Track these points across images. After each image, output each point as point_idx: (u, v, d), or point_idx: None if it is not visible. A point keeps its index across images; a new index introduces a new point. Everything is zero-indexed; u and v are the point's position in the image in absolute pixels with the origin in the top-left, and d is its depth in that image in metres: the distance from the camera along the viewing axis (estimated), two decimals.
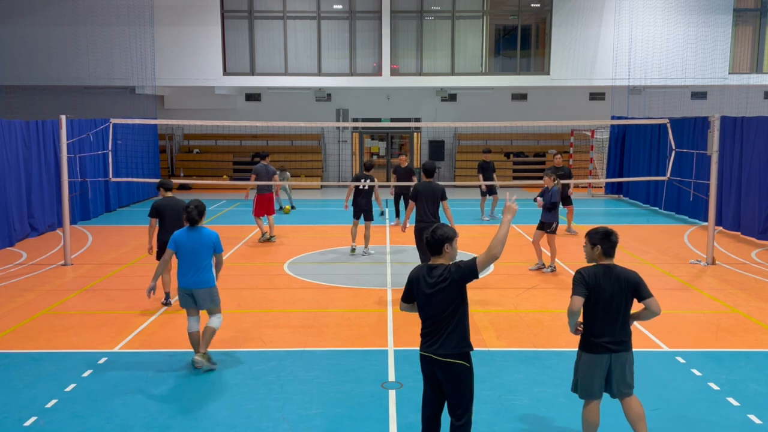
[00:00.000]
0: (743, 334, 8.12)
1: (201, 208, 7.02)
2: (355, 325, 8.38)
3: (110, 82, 22.01)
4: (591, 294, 4.91)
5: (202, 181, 21.80)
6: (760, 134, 13.66)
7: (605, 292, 4.89)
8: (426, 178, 9.92)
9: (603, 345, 4.92)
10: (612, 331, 4.92)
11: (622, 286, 4.90)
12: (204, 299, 6.97)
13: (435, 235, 4.76)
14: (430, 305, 4.69)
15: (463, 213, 18.40)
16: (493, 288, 10.24)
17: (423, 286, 4.73)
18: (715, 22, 22.49)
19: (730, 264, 11.86)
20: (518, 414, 5.94)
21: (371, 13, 22.85)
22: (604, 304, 4.90)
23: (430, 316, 4.71)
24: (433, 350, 4.67)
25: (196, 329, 7.00)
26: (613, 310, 4.90)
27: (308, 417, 5.87)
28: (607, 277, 4.91)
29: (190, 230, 6.95)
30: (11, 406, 6.09)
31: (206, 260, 6.91)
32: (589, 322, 4.99)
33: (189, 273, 6.88)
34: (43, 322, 8.50)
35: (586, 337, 5.01)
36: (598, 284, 4.90)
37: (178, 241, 6.95)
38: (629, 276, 4.95)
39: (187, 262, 6.89)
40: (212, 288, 7.00)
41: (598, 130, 23.44)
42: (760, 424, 5.75)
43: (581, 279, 4.95)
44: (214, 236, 6.98)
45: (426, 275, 4.74)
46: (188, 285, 6.90)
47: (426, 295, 4.70)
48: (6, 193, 13.18)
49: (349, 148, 25.85)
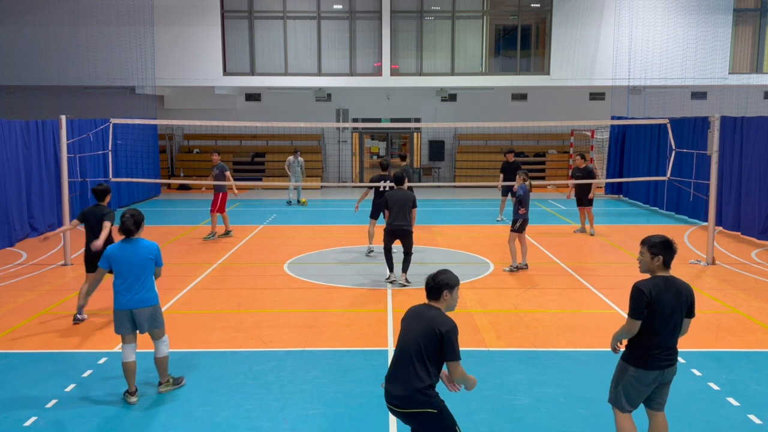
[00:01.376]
0: (743, 334, 8.12)
1: (138, 218, 6.26)
2: (355, 325, 8.37)
3: (110, 82, 22.02)
4: (651, 308, 4.57)
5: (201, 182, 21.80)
6: (760, 134, 13.66)
7: (666, 306, 4.58)
8: (397, 187, 10.41)
9: (658, 360, 4.64)
10: (668, 345, 4.66)
11: (681, 300, 4.64)
12: (145, 320, 6.18)
13: (436, 280, 4.52)
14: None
15: (463, 213, 18.41)
16: (493, 288, 10.24)
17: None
18: (715, 22, 22.49)
19: (730, 264, 11.86)
20: (518, 414, 5.94)
21: (371, 13, 22.85)
22: (663, 319, 4.59)
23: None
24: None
25: (133, 359, 6.16)
26: (671, 325, 4.63)
27: (308, 417, 5.87)
28: (669, 291, 4.61)
29: (126, 243, 6.19)
30: (11, 406, 6.09)
31: (148, 276, 6.21)
32: (644, 337, 4.65)
33: (129, 292, 6.11)
34: (43, 322, 8.50)
35: (639, 351, 4.67)
36: (660, 298, 4.57)
37: (112, 256, 6.18)
38: (688, 290, 4.71)
39: (126, 279, 6.12)
40: (155, 306, 6.26)
41: (598, 130, 23.45)
42: (760, 424, 5.75)
43: (641, 296, 4.58)
44: (155, 248, 6.28)
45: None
46: (128, 305, 6.11)
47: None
48: (6, 193, 13.18)
49: (349, 148, 25.86)
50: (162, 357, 6.30)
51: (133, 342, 6.20)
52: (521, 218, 11.10)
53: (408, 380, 4.30)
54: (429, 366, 4.32)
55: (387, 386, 4.42)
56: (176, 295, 9.76)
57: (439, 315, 4.42)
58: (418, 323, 4.39)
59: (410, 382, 4.29)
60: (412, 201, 10.22)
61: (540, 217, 16.77)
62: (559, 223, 16.48)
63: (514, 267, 11.19)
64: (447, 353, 4.30)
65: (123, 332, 6.17)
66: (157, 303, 6.27)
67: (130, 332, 6.18)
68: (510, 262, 11.33)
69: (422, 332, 4.32)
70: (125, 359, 6.14)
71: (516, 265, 11.20)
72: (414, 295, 9.75)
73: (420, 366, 4.29)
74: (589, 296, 9.78)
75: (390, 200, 10.20)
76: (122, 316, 6.14)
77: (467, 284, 10.44)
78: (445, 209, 18.99)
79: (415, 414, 4.33)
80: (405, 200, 10.14)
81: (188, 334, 8.11)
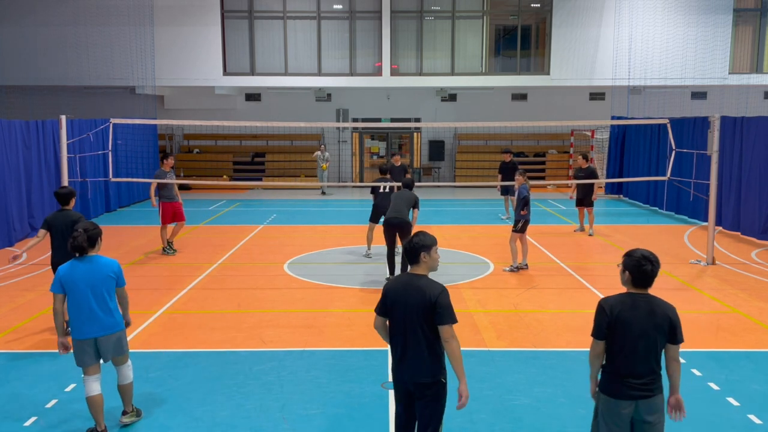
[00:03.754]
0: (743, 334, 8.12)
1: (92, 233, 5.46)
2: (355, 325, 8.37)
3: (110, 82, 22.01)
4: (613, 328, 4.18)
5: (201, 182, 21.81)
6: (760, 134, 13.66)
7: (632, 327, 4.13)
8: (404, 189, 10.72)
9: (627, 389, 4.15)
10: (639, 373, 4.15)
11: (656, 323, 4.13)
12: (109, 348, 5.48)
13: (411, 243, 4.47)
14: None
15: (463, 213, 18.41)
16: (493, 288, 10.25)
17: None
18: (715, 22, 22.49)
19: (730, 264, 11.86)
20: (518, 414, 5.94)
21: (371, 13, 22.85)
22: (629, 341, 4.14)
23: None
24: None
25: (99, 391, 5.44)
26: (640, 349, 4.14)
27: (308, 417, 5.87)
28: (637, 310, 4.15)
29: (80, 262, 5.42)
30: (11, 406, 6.09)
31: (110, 298, 5.47)
32: (612, 361, 4.23)
33: (91, 318, 5.36)
34: (43, 322, 8.49)
35: (608, 376, 4.25)
36: (624, 317, 4.16)
37: (64, 279, 5.37)
38: (666, 312, 4.17)
39: (84, 303, 5.35)
40: (122, 332, 5.56)
41: (598, 130, 23.44)
42: (760, 424, 5.75)
43: (601, 314, 4.24)
44: (115, 266, 5.54)
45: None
46: (92, 333, 5.37)
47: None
48: (6, 193, 13.19)
49: (349, 148, 25.86)
50: (127, 384, 5.66)
51: (98, 372, 5.50)
52: (523, 219, 11.11)
53: (413, 355, 4.38)
54: (434, 336, 4.37)
55: (401, 366, 4.44)
56: (176, 295, 9.76)
57: (427, 282, 4.41)
58: (411, 296, 4.38)
59: (416, 357, 4.37)
60: (415, 201, 10.42)
61: (540, 217, 16.77)
62: (559, 223, 16.48)
63: (515, 267, 11.20)
64: (445, 317, 4.31)
65: (86, 363, 5.44)
66: (122, 328, 5.57)
67: (94, 362, 5.47)
68: (510, 262, 11.33)
69: (417, 306, 4.34)
70: (90, 393, 5.40)
71: (516, 265, 11.21)
72: None
73: (424, 339, 4.36)
74: (589, 296, 9.77)
75: (394, 197, 10.51)
76: (84, 346, 5.39)
77: (467, 284, 10.44)
78: (445, 209, 18.99)
79: (429, 384, 4.39)
80: (408, 198, 10.36)
81: (188, 334, 8.11)
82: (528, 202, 11.07)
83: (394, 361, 4.53)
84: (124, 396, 5.70)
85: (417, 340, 4.37)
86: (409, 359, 4.41)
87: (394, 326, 4.49)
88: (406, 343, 4.40)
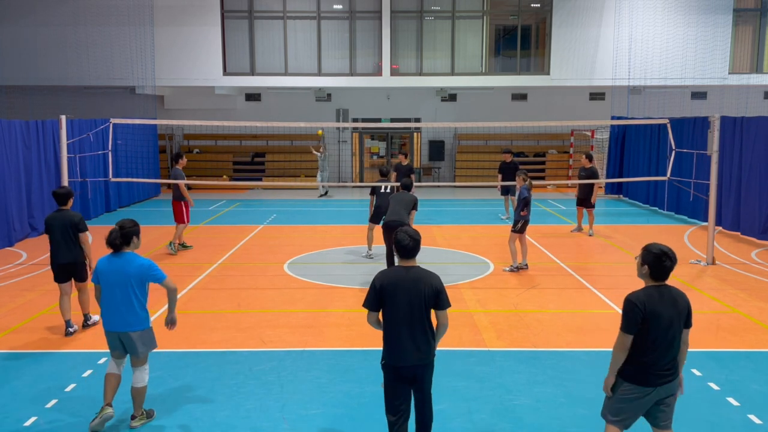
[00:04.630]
0: (743, 334, 8.12)
1: (127, 230, 5.63)
2: (355, 325, 8.37)
3: (110, 82, 22.01)
4: (646, 322, 4.31)
5: (202, 181, 21.79)
6: (760, 134, 13.66)
7: (662, 318, 4.32)
8: (402, 190, 10.60)
9: (654, 378, 4.37)
10: (665, 360, 4.38)
11: (679, 310, 4.38)
12: (134, 345, 5.63)
13: (415, 238, 4.90)
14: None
15: (463, 213, 18.41)
16: (493, 288, 10.25)
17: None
18: (715, 22, 22.49)
19: (730, 264, 11.86)
20: (518, 414, 5.94)
21: (371, 13, 22.85)
22: (660, 333, 4.32)
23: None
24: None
25: (117, 372, 5.72)
26: (669, 338, 4.35)
27: (308, 417, 5.87)
28: (664, 301, 4.35)
29: (114, 257, 5.67)
30: (11, 406, 6.09)
31: (135, 296, 5.60)
32: (639, 352, 4.38)
33: (115, 312, 5.60)
34: (43, 322, 8.49)
35: (633, 366, 4.40)
36: (655, 310, 4.31)
37: (99, 271, 5.69)
38: (685, 299, 4.46)
39: (111, 298, 5.62)
40: (144, 331, 5.67)
41: (598, 130, 23.44)
42: (760, 424, 5.75)
43: (634, 309, 4.32)
44: (145, 265, 5.64)
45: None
46: (114, 327, 5.63)
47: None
48: (6, 193, 13.19)
49: (349, 148, 25.86)
50: (140, 387, 5.66)
51: (121, 359, 5.75)
52: (523, 219, 11.11)
53: (420, 341, 4.81)
54: (429, 320, 4.87)
55: (401, 354, 4.81)
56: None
57: (424, 272, 4.87)
58: (415, 286, 4.77)
59: (422, 342, 4.82)
60: (414, 203, 10.34)
61: (540, 217, 16.78)
62: (559, 223, 16.48)
63: (515, 267, 11.20)
64: (446, 302, 4.84)
65: (113, 349, 5.74)
66: (146, 327, 5.67)
67: (119, 350, 5.72)
68: (510, 263, 11.33)
69: (423, 294, 4.76)
70: (108, 370, 5.73)
71: (516, 265, 11.21)
72: None
73: (426, 325, 4.84)
74: (589, 296, 9.78)
75: (392, 200, 10.42)
76: (110, 337, 5.69)
77: (467, 284, 10.44)
78: (445, 209, 18.99)
79: (430, 363, 4.91)
80: (407, 201, 10.28)
81: (188, 334, 8.11)
82: (528, 203, 11.07)
83: (395, 349, 4.83)
84: (135, 399, 5.69)
85: (423, 326, 4.81)
86: (416, 344, 4.80)
87: (397, 316, 4.80)
88: (414, 330, 4.78)
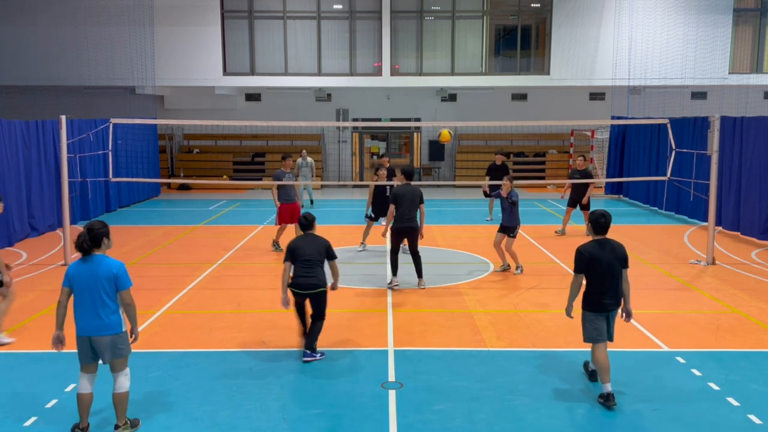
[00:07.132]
0: (743, 334, 8.12)
1: (96, 232, 5.47)
2: (355, 325, 8.37)
3: (110, 82, 22.02)
4: (591, 264, 6.03)
5: (201, 181, 21.80)
6: (760, 134, 13.66)
7: (602, 261, 6.03)
8: (405, 181, 10.21)
9: (604, 306, 6.10)
10: (611, 293, 6.09)
11: (617, 255, 6.09)
12: (104, 349, 5.45)
13: (306, 218, 7.62)
14: None
15: (463, 213, 18.41)
16: (493, 288, 10.25)
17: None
18: (715, 22, 22.49)
19: (730, 264, 11.86)
20: (518, 414, 5.94)
21: (371, 13, 22.85)
22: (602, 271, 6.02)
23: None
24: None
25: (89, 390, 5.51)
26: (610, 275, 6.05)
27: (308, 417, 5.87)
28: (604, 250, 6.07)
29: (84, 261, 5.49)
30: (11, 406, 6.09)
31: (107, 299, 5.43)
32: (592, 287, 6.10)
33: (86, 316, 5.42)
34: (43, 322, 8.49)
35: (590, 298, 6.12)
36: (596, 255, 6.04)
37: (71, 275, 5.50)
38: (621, 247, 6.17)
39: (81, 302, 5.44)
40: (117, 335, 5.46)
41: (598, 130, 23.44)
42: (760, 424, 5.75)
43: (581, 256, 6.09)
44: (115, 267, 5.46)
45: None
46: (85, 331, 5.43)
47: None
48: (6, 193, 13.18)
49: (349, 148, 25.86)
50: (121, 393, 5.52)
51: (93, 372, 5.53)
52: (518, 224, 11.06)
53: (318, 272, 7.31)
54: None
55: (302, 281, 7.25)
56: (176, 295, 9.77)
57: (319, 238, 7.50)
58: (314, 245, 7.43)
59: (320, 273, 7.33)
60: (420, 197, 10.11)
61: (540, 217, 16.78)
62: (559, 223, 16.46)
63: (506, 266, 11.18)
64: (333, 255, 7.46)
65: (82, 361, 5.49)
66: (119, 331, 5.47)
67: (90, 361, 5.49)
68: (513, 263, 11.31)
69: (318, 250, 7.37)
70: (79, 390, 5.50)
71: (506, 265, 11.18)
72: (411, 294, 9.76)
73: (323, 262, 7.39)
74: None
75: (398, 196, 10.02)
76: (81, 343, 5.46)
77: (467, 284, 10.44)
78: (445, 209, 18.99)
79: (320, 292, 7.27)
80: (414, 195, 10.03)
81: (188, 334, 8.11)
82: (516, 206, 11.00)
83: (296, 276, 7.28)
84: (117, 406, 5.54)
85: (319, 263, 7.42)
86: (312, 275, 7.29)
87: (302, 262, 7.27)
88: (313, 268, 7.32)
